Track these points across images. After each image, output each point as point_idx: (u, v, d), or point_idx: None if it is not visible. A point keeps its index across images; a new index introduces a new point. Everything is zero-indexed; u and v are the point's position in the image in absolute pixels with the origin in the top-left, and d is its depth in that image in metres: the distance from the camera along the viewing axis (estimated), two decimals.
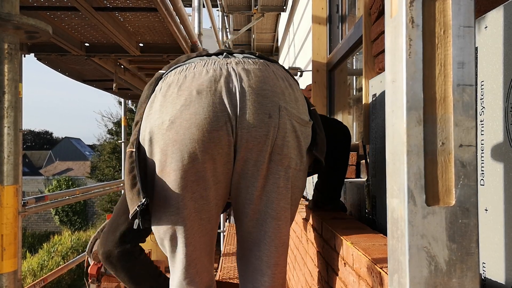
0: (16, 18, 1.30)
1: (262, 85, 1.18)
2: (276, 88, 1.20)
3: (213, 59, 1.21)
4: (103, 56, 3.44)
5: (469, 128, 0.67)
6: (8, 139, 1.34)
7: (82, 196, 4.72)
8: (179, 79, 1.17)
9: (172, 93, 1.16)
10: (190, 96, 1.14)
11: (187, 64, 1.21)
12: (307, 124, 1.26)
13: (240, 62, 1.20)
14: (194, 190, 1.17)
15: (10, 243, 1.35)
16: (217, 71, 1.17)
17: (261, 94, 1.16)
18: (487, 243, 0.88)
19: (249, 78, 1.17)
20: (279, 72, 1.26)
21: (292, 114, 1.20)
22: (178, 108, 1.14)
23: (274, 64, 1.28)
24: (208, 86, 1.14)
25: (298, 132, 1.22)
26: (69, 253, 13.18)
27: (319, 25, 3.44)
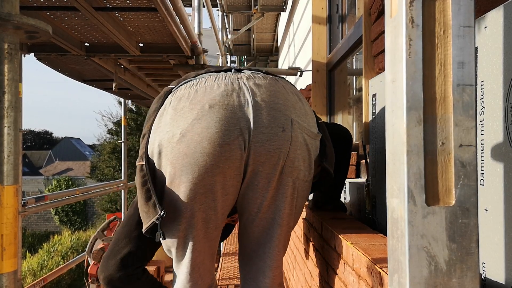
0: (16, 18, 1.30)
1: (274, 99, 1.20)
2: (287, 102, 1.22)
3: (223, 74, 1.22)
4: (103, 56, 3.44)
5: (469, 128, 0.67)
6: (8, 139, 1.34)
7: (82, 196, 4.72)
8: (189, 93, 1.18)
9: (183, 106, 1.17)
10: (202, 110, 1.14)
11: (198, 79, 1.22)
12: (316, 137, 1.29)
13: (251, 77, 1.22)
14: (202, 202, 1.19)
15: (10, 243, 1.35)
16: (229, 86, 1.18)
17: (274, 107, 1.18)
18: (487, 243, 0.88)
19: (261, 92, 1.19)
20: (288, 86, 1.29)
21: (303, 128, 1.23)
22: (189, 122, 1.14)
23: (282, 79, 1.31)
24: (220, 100, 1.15)
25: (309, 145, 1.25)
26: (69, 253, 13.18)
27: (319, 25, 3.44)
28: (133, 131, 17.54)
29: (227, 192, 1.21)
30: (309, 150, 1.25)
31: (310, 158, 1.26)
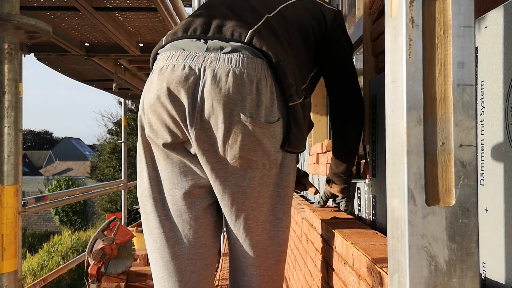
0: (16, 18, 1.30)
1: (221, 91, 1.21)
2: (236, 95, 1.21)
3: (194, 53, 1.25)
4: (103, 56, 3.45)
5: (469, 128, 0.67)
6: (8, 139, 1.34)
7: (82, 196, 4.72)
8: (162, 68, 1.25)
9: (154, 80, 1.25)
10: (161, 88, 1.23)
11: (172, 52, 1.27)
12: (269, 126, 1.25)
13: (216, 60, 1.22)
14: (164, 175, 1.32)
15: (10, 243, 1.35)
16: (191, 70, 1.22)
17: (219, 100, 1.20)
18: (487, 243, 0.88)
19: (211, 84, 1.20)
20: (253, 72, 1.23)
21: (249, 120, 1.22)
22: (153, 97, 1.24)
23: (253, 59, 1.24)
24: (178, 82, 1.21)
25: (259, 135, 1.23)
26: (69, 253, 13.19)
27: None
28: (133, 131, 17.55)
29: None
30: (259, 140, 1.24)
31: (263, 147, 1.24)
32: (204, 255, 1.30)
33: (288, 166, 1.32)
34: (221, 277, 4.21)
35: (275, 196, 1.30)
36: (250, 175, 1.24)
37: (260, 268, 1.30)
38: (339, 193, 1.74)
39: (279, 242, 1.31)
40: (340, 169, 1.65)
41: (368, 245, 1.19)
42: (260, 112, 1.24)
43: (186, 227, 1.28)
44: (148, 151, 1.31)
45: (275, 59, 1.26)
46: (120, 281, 4.17)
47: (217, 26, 1.31)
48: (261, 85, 1.25)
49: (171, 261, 1.27)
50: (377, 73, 1.73)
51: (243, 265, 1.30)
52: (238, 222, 1.27)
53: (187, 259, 1.28)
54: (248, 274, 1.30)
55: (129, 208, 12.41)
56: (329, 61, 1.54)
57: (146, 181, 1.30)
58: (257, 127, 1.23)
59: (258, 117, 1.24)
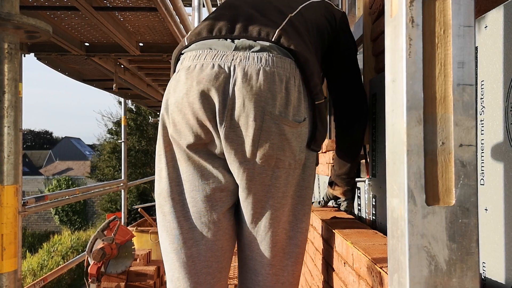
0: (16, 18, 1.30)
1: (253, 90, 1.21)
2: (267, 93, 1.21)
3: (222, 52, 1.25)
4: (103, 55, 3.45)
5: (469, 128, 0.67)
6: (8, 139, 1.34)
7: (82, 196, 4.72)
8: (190, 67, 1.25)
9: (182, 79, 1.25)
10: (191, 86, 1.22)
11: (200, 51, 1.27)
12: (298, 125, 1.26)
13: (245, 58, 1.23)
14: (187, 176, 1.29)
15: (10, 243, 1.35)
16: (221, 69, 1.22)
17: (250, 98, 1.20)
18: (487, 242, 0.88)
19: (242, 82, 1.20)
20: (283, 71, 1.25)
21: (279, 118, 1.22)
22: (181, 95, 1.24)
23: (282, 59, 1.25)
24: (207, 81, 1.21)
25: (288, 135, 1.24)
26: (69, 252, 13.18)
27: None
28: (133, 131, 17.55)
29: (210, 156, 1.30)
30: (288, 140, 1.24)
31: (291, 146, 1.24)
32: (220, 257, 1.29)
33: (310, 167, 1.32)
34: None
35: (297, 196, 1.29)
36: (276, 174, 1.24)
37: (276, 268, 1.28)
38: (341, 195, 1.73)
39: (297, 243, 1.30)
40: (343, 170, 1.65)
41: (368, 245, 1.19)
42: (288, 111, 1.25)
43: (205, 230, 1.27)
44: (169, 151, 1.30)
45: (303, 58, 1.28)
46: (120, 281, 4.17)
47: (243, 25, 1.32)
48: (290, 84, 1.26)
49: (188, 262, 1.27)
50: (377, 73, 1.73)
51: (258, 265, 1.29)
52: (260, 221, 1.26)
53: (203, 261, 1.28)
54: (264, 274, 1.28)
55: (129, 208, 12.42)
56: (336, 61, 1.55)
57: (166, 182, 1.29)
58: (286, 125, 1.23)
59: (287, 115, 1.24)
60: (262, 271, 1.28)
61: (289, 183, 1.26)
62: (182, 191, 1.28)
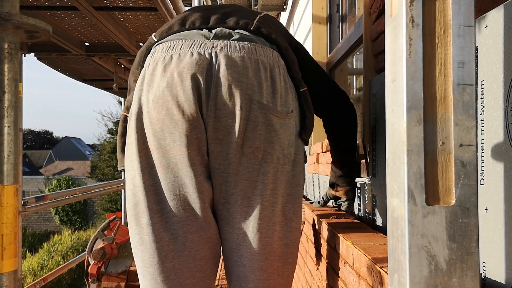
0: (16, 18, 1.30)
1: (239, 76, 1.16)
2: (253, 80, 1.17)
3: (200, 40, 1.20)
4: (103, 55, 3.45)
5: (469, 128, 0.67)
6: (8, 139, 1.34)
7: (82, 196, 4.72)
8: (165, 58, 1.19)
9: (158, 73, 1.18)
10: (171, 78, 1.16)
11: (175, 42, 1.21)
12: (286, 116, 1.21)
13: (226, 46, 1.18)
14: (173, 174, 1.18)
15: (10, 243, 1.35)
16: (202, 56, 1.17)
17: (235, 85, 1.15)
18: (487, 242, 0.88)
19: (227, 67, 1.15)
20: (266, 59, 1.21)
21: (267, 107, 1.17)
22: (160, 89, 1.16)
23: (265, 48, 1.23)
24: (189, 70, 1.15)
25: (276, 126, 1.18)
26: (69, 252, 13.19)
27: (319, 25, 3.44)
28: None
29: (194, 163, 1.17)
30: (276, 131, 1.18)
31: (279, 139, 1.19)
32: (203, 267, 1.21)
33: (299, 163, 1.26)
34: (221, 277, 4.21)
35: (287, 194, 1.22)
36: (264, 169, 1.16)
37: (267, 272, 1.20)
38: (344, 196, 1.71)
39: (287, 243, 1.23)
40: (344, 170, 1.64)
41: (368, 245, 1.19)
42: (276, 101, 1.20)
43: (187, 239, 1.17)
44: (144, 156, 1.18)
45: (284, 46, 1.27)
46: (120, 281, 4.17)
47: (218, 17, 1.28)
48: (275, 72, 1.22)
49: (171, 275, 1.17)
50: (377, 73, 1.73)
51: (248, 271, 1.19)
52: (247, 222, 1.17)
53: (186, 272, 1.19)
54: (254, 280, 1.19)
55: None
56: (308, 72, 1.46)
57: (141, 190, 1.17)
58: (274, 116, 1.18)
59: (274, 105, 1.19)
60: (252, 277, 1.19)
61: (278, 180, 1.19)
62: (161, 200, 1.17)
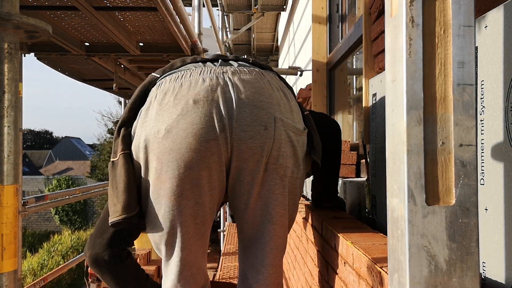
0: (16, 18, 1.30)
1: (258, 96, 1.19)
2: (272, 99, 1.22)
3: (208, 67, 1.22)
4: (103, 55, 3.44)
5: (469, 128, 0.67)
6: (8, 139, 1.34)
7: (82, 196, 4.71)
8: (174, 87, 1.19)
9: (168, 101, 1.17)
10: (186, 105, 1.15)
11: (183, 71, 1.22)
12: (302, 133, 1.29)
13: (236, 71, 1.22)
14: (189, 197, 1.19)
15: (10, 243, 1.35)
16: (214, 81, 1.18)
17: (257, 105, 1.18)
18: (487, 242, 0.88)
19: (246, 89, 1.19)
20: (274, 81, 1.28)
21: (288, 125, 1.23)
22: (174, 118, 1.15)
23: (269, 72, 1.30)
24: (205, 96, 1.15)
25: (294, 142, 1.24)
26: (69, 252, 13.19)
27: (319, 25, 3.44)
28: None
29: (213, 187, 1.21)
30: (294, 147, 1.24)
31: (296, 154, 1.26)
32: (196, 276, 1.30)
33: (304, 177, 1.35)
34: (221, 277, 4.21)
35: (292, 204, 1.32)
36: (284, 183, 1.24)
37: (276, 267, 1.32)
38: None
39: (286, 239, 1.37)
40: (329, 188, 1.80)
41: (368, 245, 1.19)
42: (294, 118, 1.26)
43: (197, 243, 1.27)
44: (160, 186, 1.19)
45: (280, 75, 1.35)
46: None
47: (216, 56, 1.32)
48: (286, 92, 1.29)
49: None
50: (377, 73, 1.73)
51: (259, 264, 1.30)
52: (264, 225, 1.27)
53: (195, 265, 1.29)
54: (265, 273, 1.30)
55: None
56: None
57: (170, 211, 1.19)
58: (293, 132, 1.24)
59: (293, 122, 1.25)
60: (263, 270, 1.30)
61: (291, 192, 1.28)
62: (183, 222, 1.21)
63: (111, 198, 1.22)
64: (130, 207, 1.20)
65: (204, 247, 1.30)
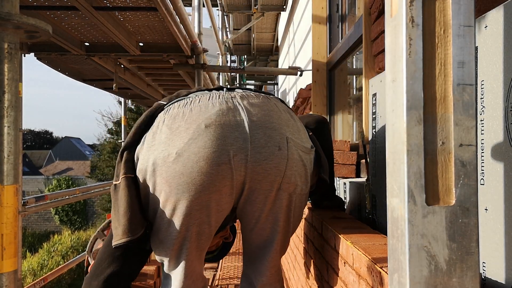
0: (16, 18, 1.30)
1: (269, 118, 1.22)
2: (281, 120, 1.25)
3: (216, 93, 1.23)
4: (103, 55, 3.44)
5: (469, 128, 0.67)
6: (8, 139, 1.34)
7: (82, 196, 4.71)
8: (184, 112, 1.19)
9: (179, 126, 1.17)
10: (198, 129, 1.15)
11: (191, 98, 1.23)
12: (310, 151, 1.32)
13: (244, 96, 1.24)
14: (197, 218, 1.20)
15: (10, 243, 1.35)
16: (224, 105, 1.19)
17: (269, 127, 1.20)
18: (487, 242, 0.88)
19: (256, 112, 1.21)
20: (280, 104, 1.32)
21: (298, 144, 1.26)
22: (185, 141, 1.15)
23: (273, 97, 1.34)
24: (216, 120, 1.16)
25: (304, 161, 1.28)
26: (69, 252, 13.19)
27: (319, 25, 3.44)
28: None
29: (222, 209, 1.23)
30: (305, 166, 1.28)
31: (306, 173, 1.29)
32: None
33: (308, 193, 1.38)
34: (221, 277, 4.21)
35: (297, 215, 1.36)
36: (292, 198, 1.28)
37: (277, 266, 1.38)
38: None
39: None
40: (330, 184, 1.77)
41: (368, 245, 1.19)
42: (301, 137, 1.30)
43: None
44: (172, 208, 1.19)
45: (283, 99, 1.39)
46: None
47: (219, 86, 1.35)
48: (292, 114, 1.33)
49: None
50: (377, 73, 1.73)
51: (264, 268, 1.35)
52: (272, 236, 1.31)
53: None
54: (268, 275, 1.35)
55: None
56: None
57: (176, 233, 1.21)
58: (302, 151, 1.27)
59: (302, 141, 1.29)
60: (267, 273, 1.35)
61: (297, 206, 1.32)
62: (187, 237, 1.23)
63: (113, 222, 1.22)
64: (131, 230, 1.18)
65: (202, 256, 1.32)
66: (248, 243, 1.38)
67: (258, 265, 1.36)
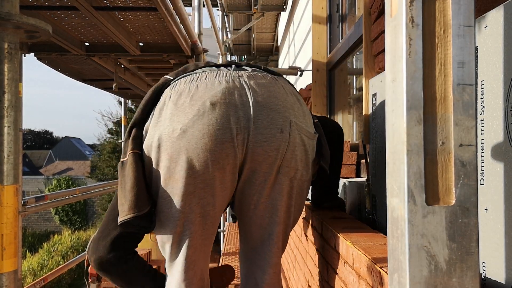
0: (16, 18, 1.30)
1: (274, 99, 1.21)
2: (286, 103, 1.24)
3: (223, 70, 1.23)
4: (103, 55, 3.44)
5: (469, 128, 0.67)
6: (8, 139, 1.34)
7: (82, 196, 4.71)
8: (190, 89, 1.19)
9: (184, 102, 1.17)
10: (203, 106, 1.15)
11: (198, 74, 1.22)
12: (313, 137, 1.30)
13: (252, 76, 1.23)
14: (201, 196, 1.19)
15: (10, 243, 1.35)
16: (230, 83, 1.19)
17: (273, 108, 1.20)
18: (487, 242, 0.88)
19: (262, 93, 1.20)
20: (287, 86, 1.30)
21: (301, 128, 1.24)
22: (190, 118, 1.15)
23: (281, 78, 1.32)
24: (222, 98, 1.16)
25: (307, 146, 1.26)
26: (69, 252, 13.20)
27: (319, 25, 3.44)
28: None
29: (225, 187, 1.22)
30: (306, 151, 1.26)
31: (307, 158, 1.27)
32: None
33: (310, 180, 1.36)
34: None
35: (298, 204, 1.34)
36: (292, 184, 1.26)
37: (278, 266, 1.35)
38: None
39: None
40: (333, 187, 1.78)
41: (368, 245, 1.19)
42: (306, 122, 1.28)
43: None
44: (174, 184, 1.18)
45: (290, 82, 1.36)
46: None
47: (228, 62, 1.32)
48: (299, 97, 1.31)
49: None
50: (377, 73, 1.73)
51: (266, 264, 1.32)
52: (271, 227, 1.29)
53: None
54: (271, 273, 1.33)
55: None
56: None
57: None
58: (305, 136, 1.26)
59: (306, 126, 1.27)
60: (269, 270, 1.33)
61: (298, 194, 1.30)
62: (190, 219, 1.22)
63: (120, 198, 1.22)
64: (138, 206, 1.18)
65: (208, 249, 1.30)
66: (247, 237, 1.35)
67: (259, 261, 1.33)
